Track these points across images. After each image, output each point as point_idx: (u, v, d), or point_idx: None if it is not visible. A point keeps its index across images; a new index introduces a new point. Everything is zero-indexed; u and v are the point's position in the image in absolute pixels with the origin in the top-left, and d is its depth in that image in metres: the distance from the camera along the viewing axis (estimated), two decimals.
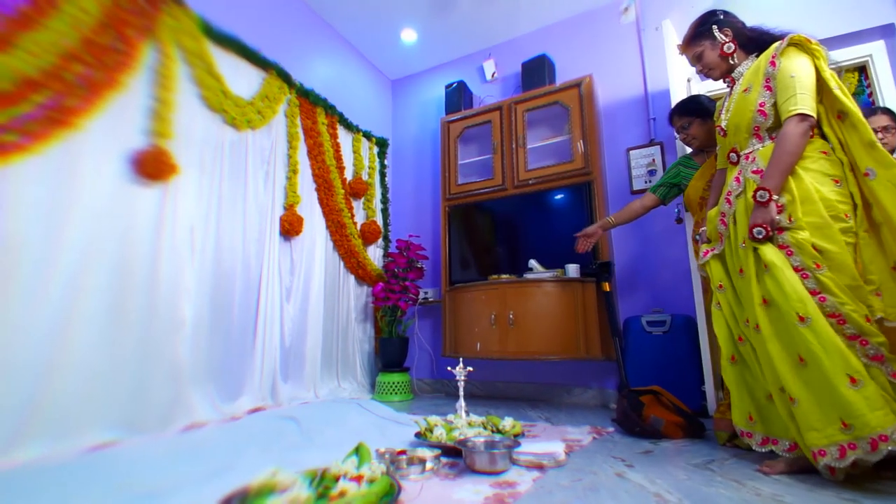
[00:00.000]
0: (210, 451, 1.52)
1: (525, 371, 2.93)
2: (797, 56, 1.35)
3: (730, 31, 1.52)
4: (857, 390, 1.12)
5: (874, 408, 1.10)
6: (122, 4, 1.72)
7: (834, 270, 1.22)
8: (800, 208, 1.27)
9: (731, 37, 1.51)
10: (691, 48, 1.59)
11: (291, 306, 2.67)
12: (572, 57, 3.15)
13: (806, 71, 1.32)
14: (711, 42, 1.53)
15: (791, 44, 1.37)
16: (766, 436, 1.37)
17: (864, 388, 1.12)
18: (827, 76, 1.32)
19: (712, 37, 1.53)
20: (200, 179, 2.17)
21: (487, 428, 1.61)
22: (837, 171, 1.32)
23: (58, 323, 1.57)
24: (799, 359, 1.21)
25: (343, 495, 0.97)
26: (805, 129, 1.30)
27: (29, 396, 1.46)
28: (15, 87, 1.36)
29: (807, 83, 1.31)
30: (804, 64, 1.33)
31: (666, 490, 1.18)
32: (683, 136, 2.02)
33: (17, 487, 1.11)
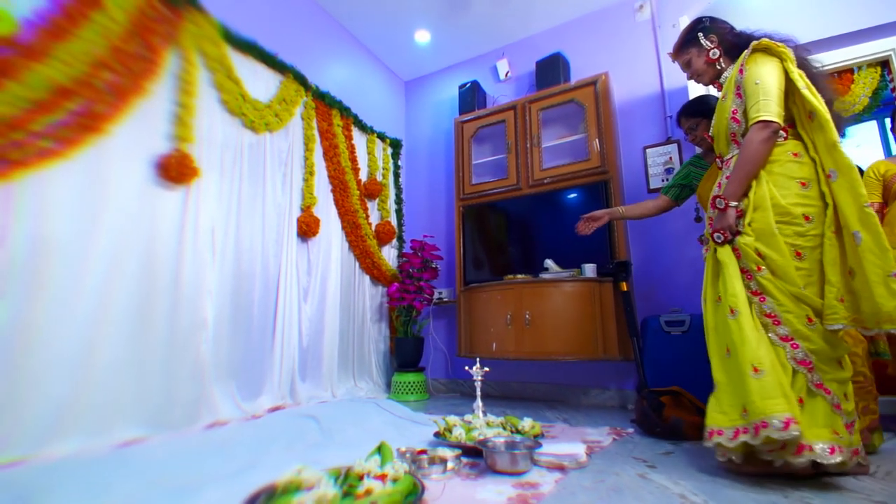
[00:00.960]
0: (235, 449, 1.55)
1: (541, 371, 2.92)
2: (763, 61, 1.36)
3: (715, 37, 1.54)
4: (757, 379, 1.20)
5: (766, 396, 1.17)
6: (148, 13, 1.76)
7: (776, 275, 1.28)
8: (750, 214, 1.33)
9: (716, 43, 1.53)
10: (680, 55, 1.63)
11: (309, 306, 2.70)
12: (587, 55, 3.12)
13: (770, 76, 1.34)
14: (698, 49, 1.57)
15: (756, 50, 1.38)
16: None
17: (764, 377, 1.19)
18: (795, 77, 1.32)
19: (699, 44, 1.56)
20: (221, 182, 2.21)
21: (506, 428, 1.62)
22: (806, 172, 1.33)
23: (90, 323, 1.62)
24: (726, 350, 1.32)
25: (369, 493, 0.99)
26: (767, 136, 1.32)
27: (65, 393, 1.51)
28: (50, 96, 1.41)
29: (771, 89, 1.32)
30: (769, 69, 1.35)
31: (690, 491, 1.17)
32: (692, 138, 2.01)
33: (58, 480, 1.15)
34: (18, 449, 1.36)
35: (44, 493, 1.08)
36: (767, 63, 1.35)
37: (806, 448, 1.18)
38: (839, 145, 1.25)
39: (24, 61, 1.36)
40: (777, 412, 1.14)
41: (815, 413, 1.24)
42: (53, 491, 1.09)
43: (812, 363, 1.25)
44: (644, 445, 1.66)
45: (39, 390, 1.45)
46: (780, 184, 1.32)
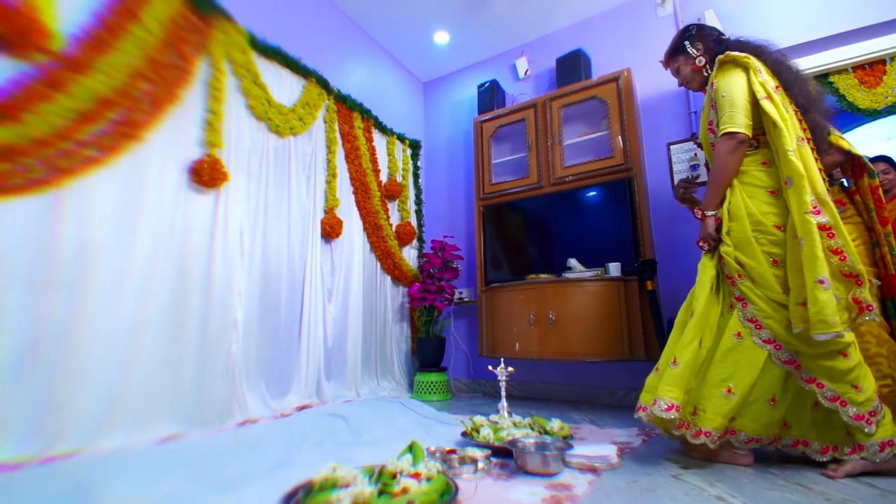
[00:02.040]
0: (268, 446, 1.59)
1: (565, 372, 2.90)
2: (729, 73, 1.41)
3: (701, 45, 1.59)
4: (672, 369, 1.37)
5: (664, 382, 1.36)
6: (180, 23, 1.82)
7: (756, 283, 1.35)
8: (727, 224, 1.40)
9: (701, 51, 1.58)
10: (670, 64, 1.69)
11: (333, 307, 2.74)
12: (608, 51, 3.09)
13: (736, 87, 1.38)
14: (685, 57, 1.62)
15: (722, 62, 1.43)
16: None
17: (674, 368, 1.36)
18: (756, 87, 1.36)
19: (686, 52, 1.61)
20: (248, 185, 2.26)
21: (534, 429, 1.61)
22: (773, 181, 1.37)
23: (131, 323, 1.68)
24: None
25: (405, 492, 1.00)
26: (732, 147, 1.37)
27: (110, 390, 1.58)
28: (94, 106, 1.47)
29: (737, 100, 1.37)
30: (734, 80, 1.39)
31: (728, 493, 1.16)
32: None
33: (110, 472, 1.21)
34: (72, 441, 1.43)
35: (100, 483, 1.13)
36: (733, 75, 1.40)
37: (800, 443, 1.37)
38: (790, 154, 1.28)
39: (71, 75, 1.42)
40: (663, 394, 1.33)
41: (802, 411, 1.33)
42: (108, 482, 1.15)
43: (798, 362, 1.31)
44: (675, 446, 1.63)
45: (88, 387, 1.51)
46: (752, 193, 1.38)
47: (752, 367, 1.34)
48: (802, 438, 1.38)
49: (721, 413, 1.35)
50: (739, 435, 1.39)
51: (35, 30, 1.34)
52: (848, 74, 2.42)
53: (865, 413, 1.23)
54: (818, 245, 1.20)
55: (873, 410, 1.24)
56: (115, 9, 1.57)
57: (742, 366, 1.35)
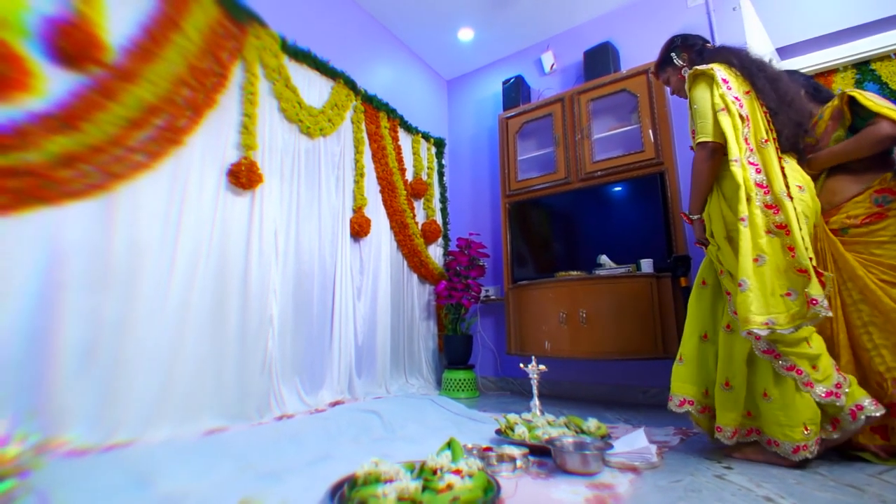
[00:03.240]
0: (308, 440, 1.63)
1: (595, 371, 2.86)
2: (698, 86, 1.49)
3: (686, 55, 1.66)
4: (678, 365, 1.56)
5: (674, 379, 1.55)
6: (217, 30, 1.87)
7: (733, 279, 1.40)
8: (709, 227, 1.51)
9: (686, 61, 1.65)
10: (660, 76, 1.78)
11: (362, 304, 2.78)
12: (637, 43, 3.02)
13: (703, 99, 1.47)
14: (672, 68, 1.70)
15: (692, 76, 1.51)
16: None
17: (679, 365, 1.56)
18: (716, 100, 1.44)
19: (673, 63, 1.69)
20: (281, 186, 2.32)
21: (570, 429, 1.61)
22: None
23: (176, 320, 1.75)
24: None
25: (450, 488, 1.01)
26: (705, 155, 1.46)
27: (159, 384, 1.66)
28: (141, 114, 1.54)
29: (705, 111, 1.45)
30: (702, 93, 1.47)
31: (776, 494, 1.13)
32: None
33: (164, 461, 1.27)
34: (128, 431, 1.51)
35: (157, 472, 1.19)
36: (702, 87, 1.48)
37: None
38: (732, 165, 1.38)
39: (122, 84, 1.50)
40: (681, 393, 1.51)
41: (784, 397, 1.34)
42: (164, 471, 1.20)
43: (777, 350, 1.34)
44: (715, 446, 1.60)
45: (139, 381, 1.59)
46: (728, 196, 1.44)
47: (741, 359, 1.41)
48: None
49: (725, 407, 1.42)
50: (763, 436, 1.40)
51: (92, 44, 1.42)
52: (891, 61, 2.31)
53: (832, 387, 1.31)
54: (742, 250, 1.32)
55: (838, 383, 1.32)
56: (158, 20, 1.64)
57: (735, 358, 1.42)
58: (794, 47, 2.97)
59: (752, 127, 1.43)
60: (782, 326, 1.27)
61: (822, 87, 1.79)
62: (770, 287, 1.30)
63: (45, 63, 1.36)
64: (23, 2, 1.30)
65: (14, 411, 1.22)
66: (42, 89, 1.31)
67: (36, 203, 1.29)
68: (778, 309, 1.28)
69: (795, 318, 1.27)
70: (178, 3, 1.73)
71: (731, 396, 1.41)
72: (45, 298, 1.38)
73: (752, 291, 1.29)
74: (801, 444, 1.29)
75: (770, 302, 1.29)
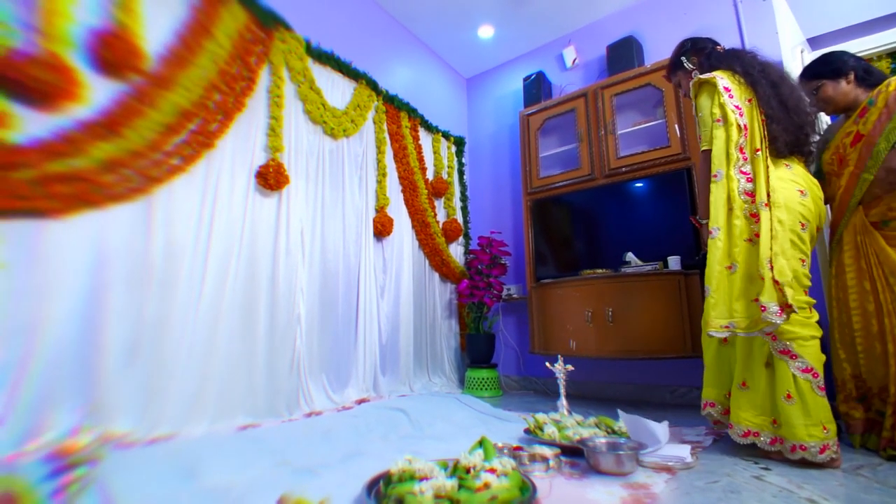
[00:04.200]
0: (338, 437, 1.66)
1: (621, 370, 2.83)
2: (702, 95, 1.55)
3: (696, 59, 1.72)
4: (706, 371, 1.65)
5: (705, 383, 1.64)
6: (246, 36, 1.92)
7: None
8: (709, 224, 1.51)
9: (696, 64, 1.71)
10: (671, 79, 1.84)
11: (385, 303, 2.81)
12: (662, 36, 2.96)
13: (705, 108, 1.53)
14: (683, 71, 1.75)
15: (696, 85, 1.57)
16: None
17: (706, 370, 1.64)
18: (714, 109, 1.49)
19: (683, 67, 1.74)
20: (307, 187, 2.35)
21: (601, 429, 1.59)
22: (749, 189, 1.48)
23: (210, 319, 1.80)
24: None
25: (487, 487, 1.01)
26: (710, 163, 1.51)
27: (195, 381, 1.71)
28: (177, 119, 1.58)
29: (706, 119, 1.52)
30: (704, 101, 1.53)
31: (820, 497, 1.10)
32: (813, 102, 1.75)
33: (204, 455, 1.30)
34: (169, 425, 1.56)
35: (200, 464, 1.23)
36: (703, 95, 1.54)
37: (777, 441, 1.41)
38: (713, 179, 1.47)
39: (158, 91, 1.54)
40: (703, 397, 1.62)
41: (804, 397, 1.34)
42: (205, 464, 1.24)
43: (793, 351, 1.37)
44: (750, 446, 1.57)
45: (177, 378, 1.64)
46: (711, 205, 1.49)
47: (760, 362, 1.44)
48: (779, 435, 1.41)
49: (738, 405, 1.46)
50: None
51: (132, 53, 1.47)
52: None
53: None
54: (711, 259, 1.43)
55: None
56: (191, 27, 1.68)
57: (754, 360, 1.45)
58: (826, 37, 2.87)
59: (749, 136, 1.46)
60: (742, 330, 1.35)
61: (873, 70, 1.68)
62: (737, 293, 1.37)
63: (89, 72, 1.42)
64: (70, 15, 1.36)
65: (75, 404, 1.29)
66: (87, 98, 1.37)
67: (84, 206, 1.35)
68: (741, 314, 1.35)
69: (757, 322, 1.32)
70: (210, 11, 1.78)
71: (746, 395, 1.45)
72: (93, 297, 1.43)
73: (713, 297, 1.39)
74: (825, 443, 1.30)
75: (733, 307, 1.36)
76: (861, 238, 1.58)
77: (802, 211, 1.44)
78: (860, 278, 1.57)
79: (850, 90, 1.67)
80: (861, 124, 1.60)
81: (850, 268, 1.60)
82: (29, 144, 1.20)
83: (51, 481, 0.59)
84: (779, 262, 1.34)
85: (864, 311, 1.56)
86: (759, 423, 1.41)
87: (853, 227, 1.61)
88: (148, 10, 1.62)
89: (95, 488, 0.68)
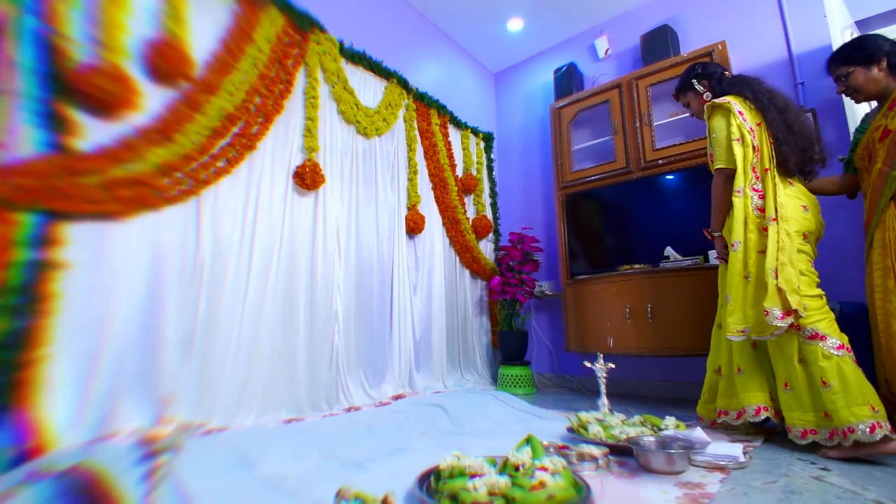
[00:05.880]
0: (381, 432, 1.68)
1: (660, 368, 2.76)
2: (716, 117, 1.67)
3: (707, 82, 1.82)
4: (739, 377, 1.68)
5: (743, 390, 1.65)
6: (283, 39, 1.96)
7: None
8: (729, 238, 1.64)
9: (707, 87, 1.81)
10: (680, 98, 1.94)
11: (418, 300, 2.83)
12: (698, 24, 2.86)
13: (719, 129, 1.65)
14: (693, 93, 1.86)
15: (710, 107, 1.70)
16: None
17: (743, 376, 1.65)
18: (733, 129, 1.60)
19: (694, 88, 1.85)
20: (342, 186, 2.39)
21: (647, 427, 1.57)
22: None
23: (254, 315, 1.86)
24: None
25: (543, 486, 1.01)
26: (722, 181, 1.65)
27: (241, 375, 1.77)
28: (222, 123, 1.64)
29: (721, 140, 1.64)
30: (718, 123, 1.65)
31: (889, 499, 1.05)
32: (842, 89, 1.68)
33: (256, 446, 1.34)
34: (221, 418, 1.63)
35: (254, 455, 1.27)
36: (719, 118, 1.65)
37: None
38: (735, 194, 1.59)
39: (205, 96, 1.60)
40: (753, 403, 1.60)
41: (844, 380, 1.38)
42: (259, 455, 1.28)
43: (820, 333, 1.44)
44: (803, 445, 1.52)
45: (226, 372, 1.71)
46: (745, 213, 1.59)
47: (794, 358, 1.49)
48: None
49: (788, 407, 1.51)
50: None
51: (183, 60, 1.53)
52: None
53: None
54: (731, 270, 1.57)
55: None
56: (234, 33, 1.73)
57: (789, 358, 1.51)
58: (875, 19, 2.72)
59: (760, 156, 1.59)
60: (755, 334, 1.49)
61: None
62: (751, 300, 1.51)
63: (144, 81, 1.48)
64: (125, 27, 1.42)
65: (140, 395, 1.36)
66: (142, 105, 1.43)
67: (143, 209, 1.42)
68: (753, 320, 1.49)
69: (766, 328, 1.45)
70: (250, 16, 1.82)
71: (792, 396, 1.50)
72: (153, 295, 1.50)
73: (732, 304, 1.54)
74: (875, 422, 1.31)
75: (748, 313, 1.51)
76: (890, 236, 1.52)
77: (806, 224, 1.58)
78: (885, 277, 1.53)
79: (881, 78, 1.57)
80: (890, 118, 1.53)
81: (876, 265, 1.56)
82: (94, 151, 1.27)
83: (140, 466, 0.63)
84: (786, 271, 1.44)
85: (885, 312, 1.52)
86: (812, 419, 1.44)
87: (883, 224, 1.55)
88: (195, 18, 1.67)
89: (173, 476, 0.72)
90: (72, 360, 1.26)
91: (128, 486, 0.73)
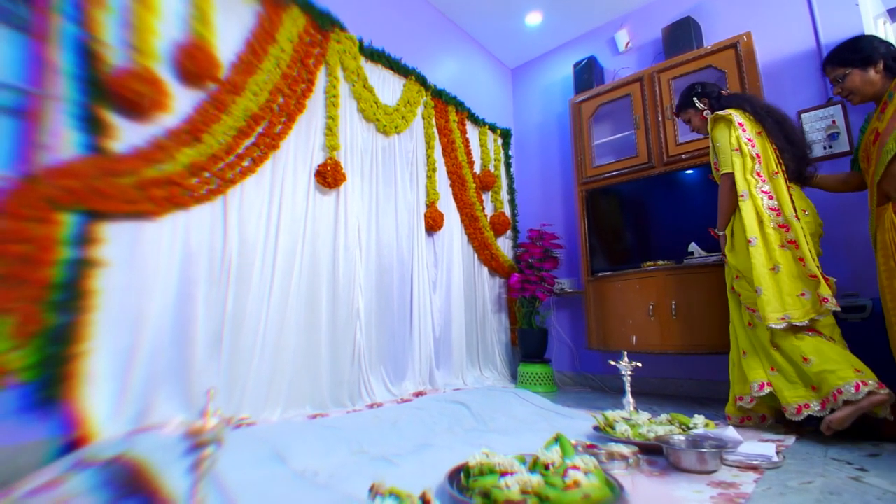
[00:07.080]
0: (405, 428, 1.69)
1: (685, 366, 2.72)
2: (718, 128, 1.81)
3: (706, 100, 1.95)
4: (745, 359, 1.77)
5: (786, 388, 1.62)
6: (305, 39, 1.98)
7: (747, 280, 1.71)
8: (730, 240, 1.80)
9: (707, 104, 1.94)
10: (681, 115, 2.07)
11: (438, 297, 2.83)
12: (722, 15, 2.79)
13: (723, 139, 1.78)
14: (694, 110, 1.99)
15: (713, 120, 1.83)
16: None
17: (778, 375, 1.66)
18: (732, 140, 1.75)
19: (694, 106, 1.98)
20: (362, 184, 2.40)
21: (675, 426, 1.54)
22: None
23: (278, 312, 1.89)
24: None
25: (577, 485, 1.00)
26: (729, 184, 1.76)
27: (267, 371, 1.80)
28: (247, 123, 1.66)
29: (726, 148, 1.76)
30: (721, 133, 1.79)
31: None
32: (839, 91, 1.68)
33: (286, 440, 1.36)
34: (248, 413, 1.67)
35: (285, 449, 1.29)
36: (722, 129, 1.79)
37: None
38: (740, 198, 1.71)
39: (231, 97, 1.63)
40: (756, 379, 1.67)
41: (821, 352, 1.54)
42: (289, 449, 1.30)
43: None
44: (839, 445, 1.48)
45: (253, 368, 1.74)
46: (743, 219, 1.71)
47: (769, 344, 1.64)
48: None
49: (781, 389, 1.60)
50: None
51: (211, 62, 1.56)
52: None
53: None
54: (756, 264, 1.63)
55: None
56: (258, 34, 1.76)
57: (767, 345, 1.65)
58: None
59: (764, 162, 1.73)
60: (797, 319, 1.56)
61: None
62: (786, 289, 1.59)
63: (173, 83, 1.51)
64: (156, 31, 1.45)
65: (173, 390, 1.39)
66: (173, 107, 1.46)
67: (174, 208, 1.45)
68: (794, 306, 1.58)
69: (809, 312, 1.56)
70: (273, 17, 1.84)
71: (778, 377, 1.62)
72: (183, 293, 1.54)
73: (766, 295, 1.60)
74: (859, 381, 1.42)
75: (786, 301, 1.59)
76: (890, 236, 1.52)
77: (807, 226, 1.71)
78: (890, 278, 1.53)
79: (878, 80, 1.57)
80: (881, 121, 1.53)
81: (882, 267, 1.58)
82: (128, 152, 1.30)
83: (186, 458, 0.65)
84: (816, 263, 1.59)
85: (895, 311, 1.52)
86: (803, 393, 1.55)
87: (882, 226, 1.57)
88: (220, 19, 1.70)
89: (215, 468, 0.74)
90: (110, 354, 1.30)
91: (173, 476, 0.75)
